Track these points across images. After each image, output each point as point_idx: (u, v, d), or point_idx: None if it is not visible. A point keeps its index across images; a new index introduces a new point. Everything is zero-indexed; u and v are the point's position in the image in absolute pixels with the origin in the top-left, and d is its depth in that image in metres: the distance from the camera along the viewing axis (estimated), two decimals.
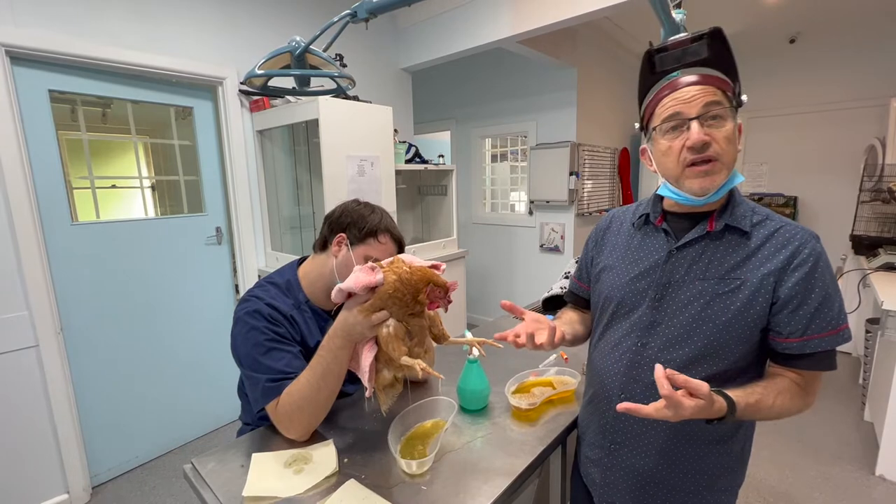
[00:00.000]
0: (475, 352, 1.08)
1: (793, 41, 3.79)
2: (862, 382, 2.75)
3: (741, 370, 0.78)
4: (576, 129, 3.45)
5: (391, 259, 0.91)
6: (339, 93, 1.26)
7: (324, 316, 1.11)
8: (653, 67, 0.82)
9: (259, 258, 2.58)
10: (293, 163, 2.60)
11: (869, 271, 2.45)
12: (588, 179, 3.65)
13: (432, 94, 4.34)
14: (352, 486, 0.82)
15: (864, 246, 2.97)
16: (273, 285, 1.08)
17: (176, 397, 2.35)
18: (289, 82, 1.21)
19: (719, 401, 0.66)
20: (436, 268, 0.91)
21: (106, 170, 3.09)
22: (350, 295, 0.90)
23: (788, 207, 3.95)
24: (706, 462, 0.82)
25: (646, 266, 0.84)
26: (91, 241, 2.02)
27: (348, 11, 1.08)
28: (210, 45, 2.26)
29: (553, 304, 1.91)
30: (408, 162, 2.87)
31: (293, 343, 1.02)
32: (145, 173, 3.07)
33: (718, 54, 0.77)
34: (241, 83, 2.30)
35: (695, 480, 0.82)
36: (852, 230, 3.15)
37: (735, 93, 0.77)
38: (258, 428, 1.05)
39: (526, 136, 3.79)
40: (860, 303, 2.69)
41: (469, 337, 1.04)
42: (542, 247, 3.76)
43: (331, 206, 1.12)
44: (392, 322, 0.89)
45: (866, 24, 3.44)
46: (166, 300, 2.28)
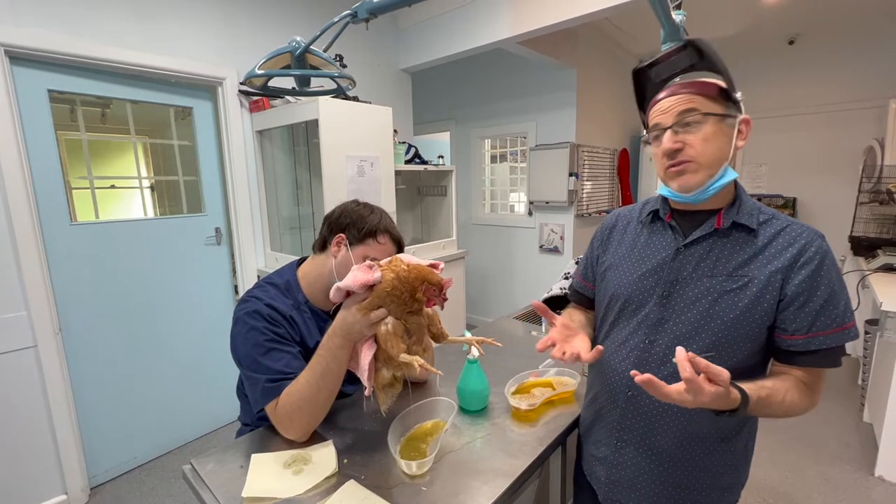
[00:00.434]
0: (474, 352, 1.08)
1: (792, 42, 3.80)
2: (861, 383, 2.75)
3: (749, 368, 0.78)
4: (575, 130, 3.45)
5: (389, 259, 0.91)
6: (338, 93, 1.26)
7: (323, 316, 1.11)
8: (647, 82, 0.87)
9: (258, 258, 2.58)
10: (293, 163, 2.60)
11: (868, 272, 2.45)
12: (587, 180, 3.65)
13: (432, 95, 4.34)
14: (351, 486, 0.82)
15: (863, 247, 2.97)
16: (272, 286, 1.08)
17: (175, 398, 2.35)
18: (289, 82, 1.21)
19: (734, 392, 0.67)
20: (434, 267, 0.91)
21: (105, 170, 3.09)
22: (348, 294, 0.90)
23: (787, 208, 3.95)
24: (711, 459, 0.82)
25: (653, 263, 0.85)
26: (90, 241, 2.02)
27: (349, 12, 1.08)
28: (210, 46, 2.26)
29: (552, 305, 1.91)
30: (407, 162, 2.87)
31: (292, 343, 1.02)
32: (144, 173, 3.06)
33: (703, 59, 0.80)
34: (241, 83, 2.30)
35: (699, 478, 0.83)
36: (851, 231, 3.15)
37: (725, 91, 0.76)
38: (257, 428, 1.04)
39: (525, 137, 3.79)
40: (859, 304, 2.69)
41: (468, 336, 1.04)
42: (541, 247, 3.76)
43: (330, 207, 1.11)
44: (391, 320, 0.89)
45: (865, 26, 3.45)
46: (165, 300, 2.28)
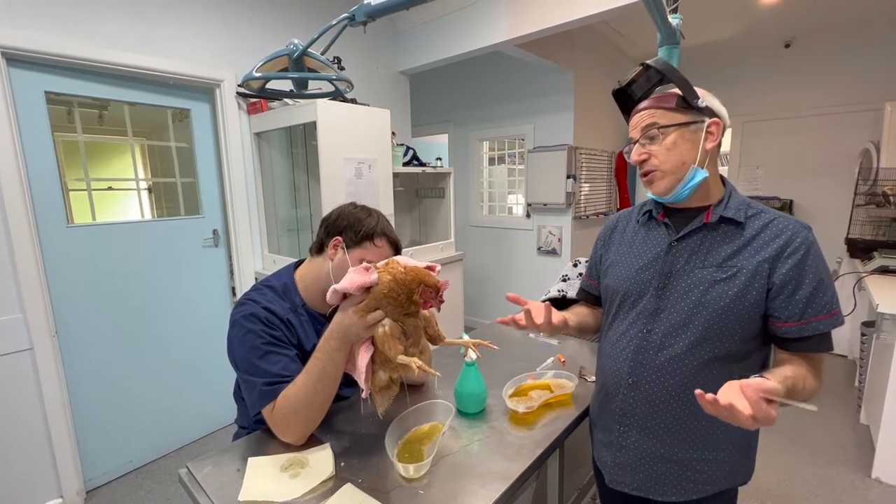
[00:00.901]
0: (472, 354, 1.08)
1: (788, 46, 3.82)
2: (858, 385, 2.76)
3: (743, 355, 0.83)
4: (573, 133, 3.46)
5: (386, 261, 0.91)
6: (336, 95, 1.26)
7: (320, 319, 1.10)
8: (627, 101, 0.94)
9: (256, 260, 2.57)
10: (291, 165, 2.59)
11: (864, 274, 2.46)
12: (585, 182, 3.66)
13: (430, 97, 4.35)
14: (348, 490, 0.82)
15: (860, 249, 2.98)
16: (269, 289, 1.07)
17: (172, 400, 2.34)
18: (286, 85, 1.21)
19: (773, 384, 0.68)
20: (431, 268, 0.91)
21: (102, 172, 3.07)
22: (345, 296, 0.90)
23: (784, 211, 3.97)
24: (713, 436, 0.85)
25: (649, 258, 0.91)
26: (87, 243, 2.01)
27: (346, 15, 1.08)
28: (208, 47, 2.26)
29: None
30: (405, 164, 2.87)
31: (290, 346, 1.02)
32: (142, 175, 3.05)
33: (660, 74, 0.86)
34: (239, 85, 2.30)
35: (703, 454, 0.86)
36: (847, 233, 3.17)
37: (685, 100, 0.83)
38: (254, 431, 1.04)
39: (523, 139, 3.80)
40: (855, 306, 2.70)
41: (465, 338, 1.03)
42: (539, 249, 3.76)
43: (328, 209, 1.11)
44: (388, 322, 0.89)
45: (861, 29, 3.47)
46: (162, 303, 2.27)
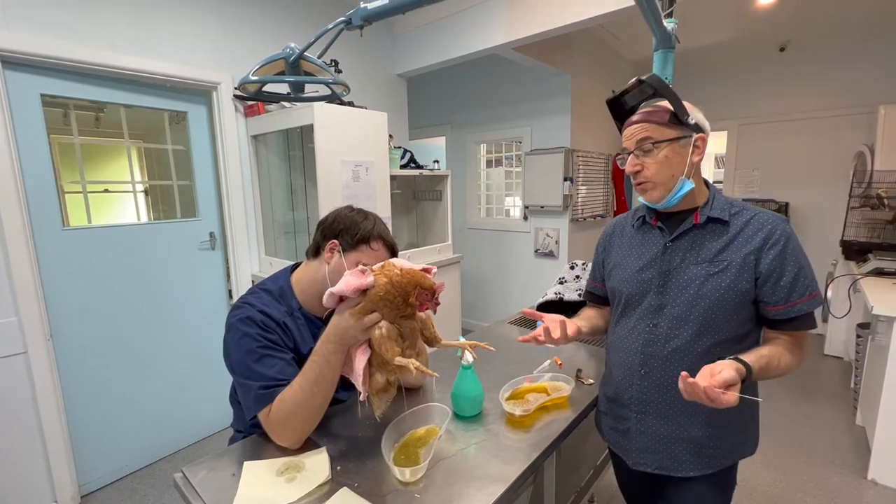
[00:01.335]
0: (468, 357, 1.08)
1: (783, 49, 3.85)
2: (853, 387, 2.77)
3: (741, 337, 0.93)
4: (570, 135, 3.47)
5: (382, 263, 0.91)
6: (333, 98, 1.27)
7: (317, 323, 1.10)
8: (620, 110, 1.00)
9: (253, 263, 2.57)
10: (288, 168, 2.59)
11: (859, 276, 2.48)
12: (582, 185, 3.67)
13: (428, 100, 4.36)
14: (344, 494, 0.81)
15: (854, 251, 3.00)
16: (266, 292, 1.07)
17: (167, 404, 2.32)
18: (283, 88, 1.21)
19: (739, 368, 0.79)
20: (427, 271, 0.91)
21: (99, 174, 3.07)
22: (341, 299, 0.90)
23: (780, 213, 3.99)
24: (723, 415, 0.91)
25: (647, 259, 1.00)
26: (82, 246, 2.00)
27: (343, 18, 1.08)
28: (205, 50, 2.26)
29: (548, 310, 1.91)
30: (403, 167, 2.88)
31: (286, 350, 1.01)
32: (138, 178, 3.05)
33: (653, 89, 0.92)
34: (236, 88, 2.30)
35: (715, 433, 0.95)
36: (842, 236, 3.19)
37: (675, 115, 0.90)
38: (250, 435, 1.04)
39: (521, 142, 3.81)
40: (851, 308, 2.72)
41: (462, 340, 1.03)
42: (536, 252, 3.77)
43: (325, 212, 1.11)
44: (384, 324, 0.89)
45: (855, 33, 3.50)
46: (158, 306, 2.26)
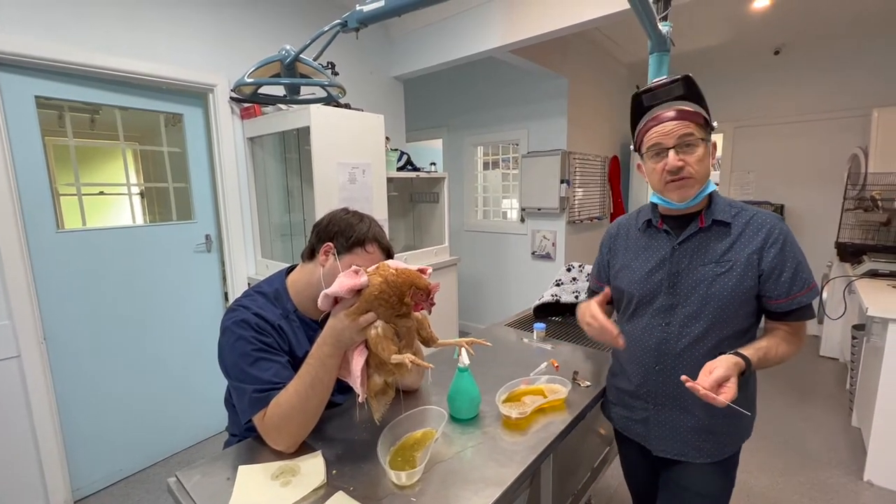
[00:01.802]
0: (465, 360, 1.08)
1: (777, 52, 3.88)
2: (849, 388, 2.78)
3: (745, 329, 1.00)
4: (566, 138, 3.48)
5: (377, 265, 0.91)
6: (329, 101, 1.26)
7: (312, 326, 1.10)
8: (641, 104, 1.02)
9: (249, 266, 2.56)
10: (284, 170, 2.59)
11: (854, 278, 2.49)
12: (579, 187, 3.68)
13: (425, 102, 4.36)
14: (340, 498, 0.81)
15: (849, 253, 3.01)
16: (261, 295, 1.07)
17: (162, 408, 2.31)
18: (279, 90, 1.21)
19: (738, 362, 0.86)
20: (423, 271, 0.91)
21: (94, 176, 3.05)
22: (336, 301, 0.90)
23: (776, 213, 4.01)
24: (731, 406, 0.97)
25: (656, 261, 1.04)
26: (77, 248, 1.99)
27: (339, 21, 1.09)
28: (201, 52, 2.25)
29: (544, 312, 1.92)
30: (399, 169, 2.87)
31: (281, 353, 1.01)
32: (134, 180, 3.03)
33: (691, 91, 0.97)
34: (232, 90, 2.29)
35: (723, 422, 1.02)
36: (837, 237, 3.21)
37: (706, 120, 0.96)
38: (245, 439, 1.03)
39: (517, 144, 3.82)
40: (846, 309, 2.73)
41: (458, 339, 1.03)
42: (533, 254, 3.78)
43: (322, 214, 1.11)
44: (380, 324, 0.88)
45: (849, 36, 3.54)
46: (154, 309, 2.25)
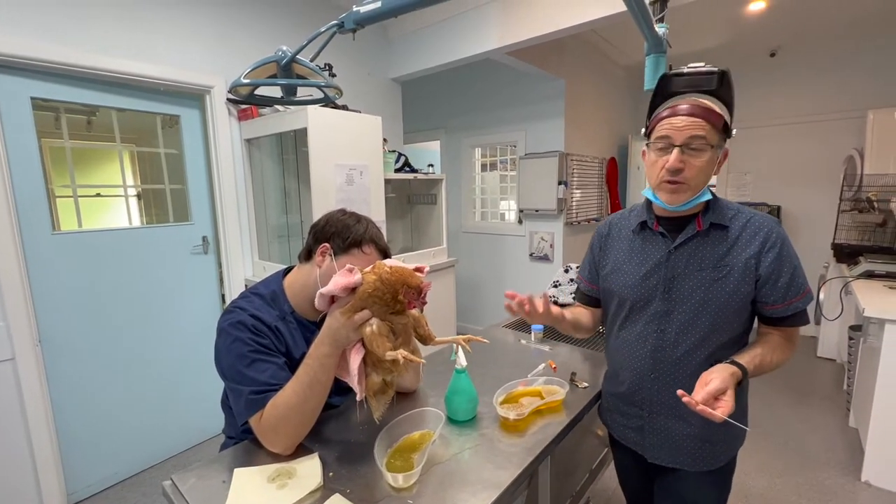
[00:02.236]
0: (462, 361, 1.08)
1: (773, 54, 3.90)
2: (846, 389, 2.79)
3: (741, 335, 0.97)
4: (564, 139, 3.49)
5: (372, 265, 0.91)
6: (326, 102, 1.26)
7: (309, 327, 1.09)
8: (667, 87, 0.93)
9: (246, 267, 2.55)
10: (281, 171, 2.58)
11: (850, 279, 2.50)
12: (576, 189, 3.69)
13: (422, 104, 4.37)
14: (337, 500, 0.80)
15: (846, 254, 3.02)
16: (258, 296, 1.06)
17: (158, 411, 2.29)
18: (276, 91, 1.21)
19: (735, 372, 0.84)
20: (420, 269, 0.92)
21: (90, 178, 3.04)
22: (333, 301, 0.90)
23: (772, 215, 4.02)
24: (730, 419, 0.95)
25: (651, 265, 0.99)
26: (73, 250, 1.98)
27: (335, 22, 1.08)
28: (198, 54, 2.25)
29: None
30: (397, 171, 2.87)
31: (278, 354, 1.00)
32: (130, 182, 3.02)
33: (723, 89, 0.89)
34: (228, 92, 2.29)
35: (717, 430, 0.97)
36: (833, 239, 3.22)
37: (726, 125, 0.89)
38: (242, 442, 1.02)
39: (515, 146, 3.82)
40: (842, 310, 2.74)
41: (455, 336, 1.03)
42: (531, 255, 3.78)
43: (319, 215, 1.11)
44: (375, 321, 0.89)
45: (844, 38, 3.56)
46: (150, 311, 2.24)
